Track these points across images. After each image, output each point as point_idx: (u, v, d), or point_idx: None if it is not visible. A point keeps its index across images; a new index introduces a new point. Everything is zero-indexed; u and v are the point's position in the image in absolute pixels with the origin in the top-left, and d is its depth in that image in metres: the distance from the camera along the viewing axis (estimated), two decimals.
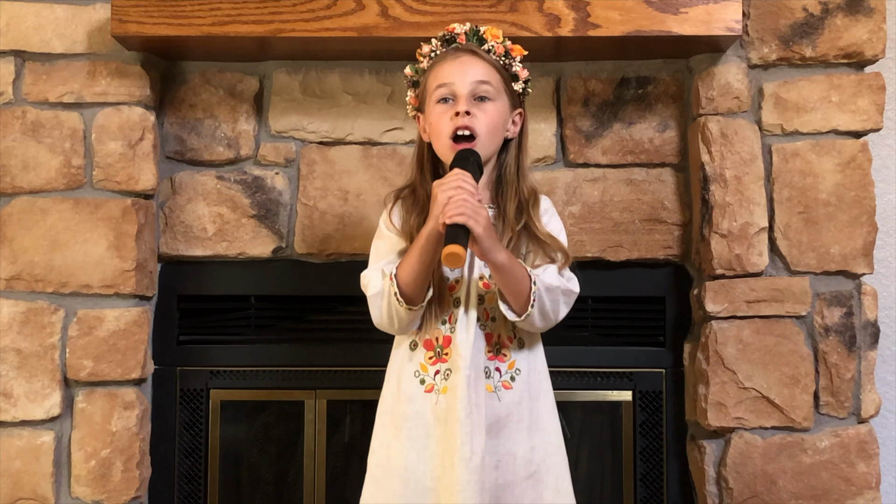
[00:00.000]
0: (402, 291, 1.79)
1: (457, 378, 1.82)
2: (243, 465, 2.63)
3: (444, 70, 1.88)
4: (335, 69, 2.54)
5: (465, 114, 1.83)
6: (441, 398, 1.84)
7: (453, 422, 1.81)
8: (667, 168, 2.53)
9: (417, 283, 1.79)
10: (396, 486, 1.85)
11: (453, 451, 1.80)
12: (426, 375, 1.86)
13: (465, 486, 1.78)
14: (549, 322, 1.87)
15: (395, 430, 1.87)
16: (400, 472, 1.85)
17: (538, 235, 1.88)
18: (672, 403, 2.53)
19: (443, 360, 1.86)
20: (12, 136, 2.42)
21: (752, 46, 2.43)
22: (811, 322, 2.42)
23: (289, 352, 2.56)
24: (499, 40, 1.90)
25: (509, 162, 1.94)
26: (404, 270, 1.79)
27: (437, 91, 1.88)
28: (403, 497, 1.84)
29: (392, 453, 1.87)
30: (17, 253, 2.41)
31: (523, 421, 1.87)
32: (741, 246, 2.39)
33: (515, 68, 1.91)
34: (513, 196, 1.91)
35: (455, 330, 1.85)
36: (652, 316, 2.56)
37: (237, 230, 2.52)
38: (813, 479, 2.39)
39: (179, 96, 2.53)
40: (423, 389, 1.86)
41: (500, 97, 1.89)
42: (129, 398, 2.41)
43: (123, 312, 2.41)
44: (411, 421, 1.85)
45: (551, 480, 1.89)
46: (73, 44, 2.43)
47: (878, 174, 2.54)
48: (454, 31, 1.91)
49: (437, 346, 1.87)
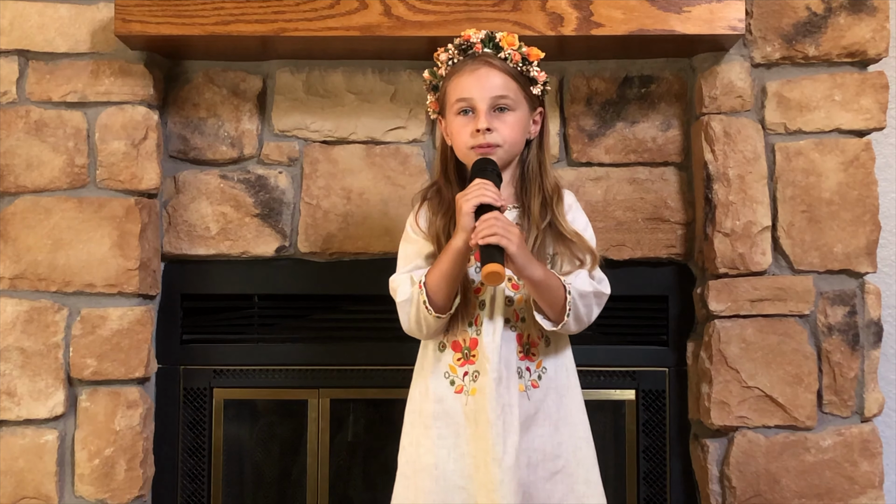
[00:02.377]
0: (431, 299, 1.82)
1: (484, 380, 1.84)
2: (247, 464, 2.63)
3: (463, 83, 1.89)
4: (338, 68, 2.54)
5: (487, 131, 1.85)
6: (470, 399, 1.86)
7: (484, 423, 1.83)
8: (670, 167, 2.53)
9: (445, 291, 1.82)
10: (426, 483, 1.87)
11: (486, 451, 1.82)
12: (456, 377, 1.89)
13: (500, 486, 1.80)
14: (583, 326, 1.91)
15: (425, 429, 1.89)
16: (430, 470, 1.87)
17: (564, 234, 1.90)
18: (675, 402, 2.54)
19: (470, 362, 1.88)
20: (16, 136, 2.42)
21: (756, 45, 2.43)
22: (814, 321, 2.42)
23: (292, 351, 2.56)
24: (515, 47, 1.90)
25: (531, 160, 1.96)
26: (433, 279, 1.82)
27: (457, 104, 1.90)
28: (433, 494, 1.86)
29: (422, 451, 1.89)
30: (20, 252, 2.41)
31: (550, 417, 1.89)
32: (744, 245, 2.39)
33: (533, 73, 1.91)
34: (536, 193, 1.92)
35: (481, 332, 1.87)
36: (655, 315, 2.56)
37: (240, 229, 2.52)
38: (816, 478, 2.39)
39: (183, 95, 2.54)
40: (453, 390, 1.88)
41: (520, 105, 1.90)
42: (133, 397, 2.41)
43: (127, 311, 2.41)
44: (441, 420, 1.87)
45: (582, 473, 1.91)
46: (77, 43, 2.43)
47: (882, 173, 2.54)
48: (470, 39, 1.91)
49: (464, 348, 1.89)
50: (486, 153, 1.86)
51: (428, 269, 1.85)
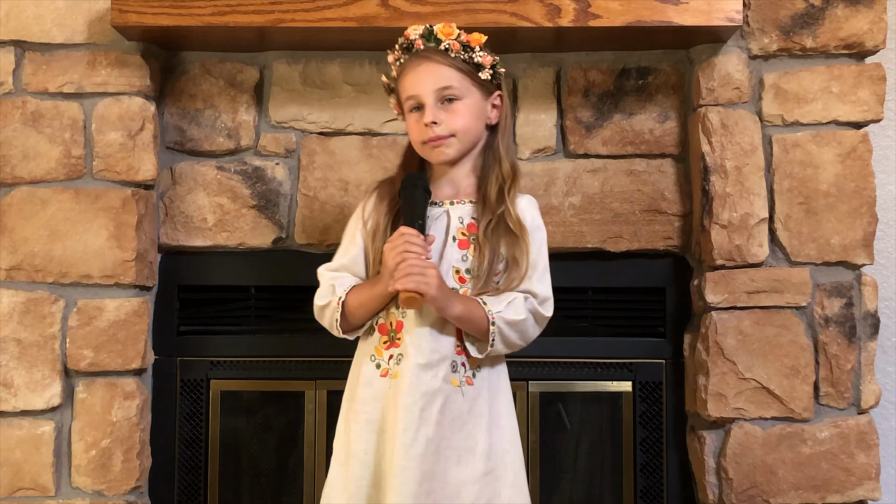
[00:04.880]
0: (345, 320, 1.91)
1: (407, 364, 1.86)
2: (243, 456, 2.63)
3: (409, 81, 1.94)
4: (335, 59, 2.53)
5: (433, 124, 1.90)
6: (393, 382, 1.87)
7: (400, 407, 1.84)
8: (667, 159, 2.53)
9: (361, 320, 1.93)
10: (357, 469, 1.88)
11: (396, 436, 1.83)
12: (381, 360, 1.91)
13: (401, 472, 1.81)
14: (517, 348, 1.94)
15: (355, 414, 1.91)
16: (360, 456, 1.88)
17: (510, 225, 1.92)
18: (672, 394, 2.54)
19: (395, 345, 1.90)
20: (12, 127, 2.42)
21: (753, 37, 2.43)
22: (811, 313, 2.42)
23: (289, 342, 2.56)
24: (453, 37, 1.92)
25: (495, 146, 1.98)
26: (353, 305, 1.92)
27: (407, 102, 1.95)
28: (363, 480, 1.87)
29: (353, 437, 1.90)
30: (17, 243, 2.41)
31: (483, 417, 1.89)
32: (741, 237, 2.39)
33: (477, 59, 1.93)
34: (494, 180, 1.95)
35: (406, 315, 1.88)
36: (652, 307, 2.56)
37: (237, 220, 2.52)
38: (813, 470, 2.39)
39: (179, 86, 2.53)
40: (378, 373, 1.90)
41: (469, 92, 1.93)
42: (130, 388, 2.41)
43: (123, 302, 2.41)
44: (369, 405, 1.89)
45: (509, 477, 1.91)
46: (73, 34, 2.43)
47: (879, 165, 2.54)
48: (409, 36, 1.95)
49: (390, 331, 1.91)
50: (438, 145, 1.91)
51: (351, 289, 1.92)
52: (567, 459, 2.60)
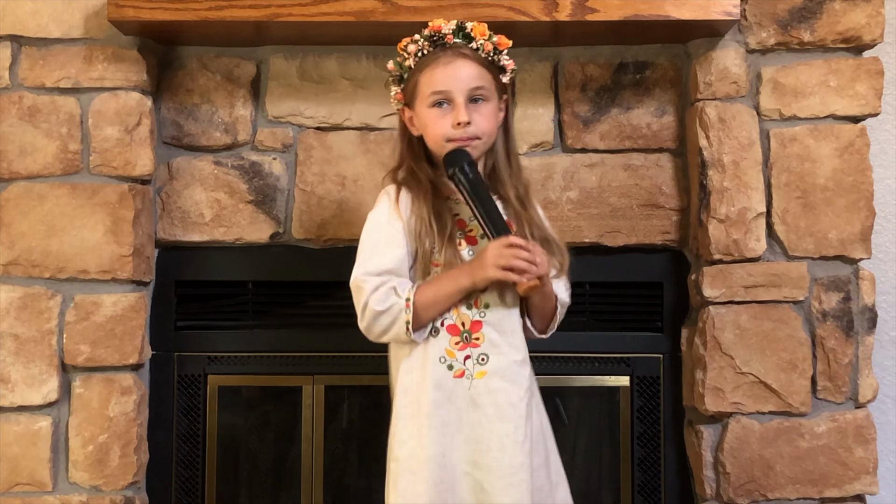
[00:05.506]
0: (416, 321, 1.83)
1: (502, 362, 1.86)
2: (241, 451, 2.63)
3: (438, 76, 1.88)
4: (332, 54, 2.53)
5: (466, 124, 1.86)
6: (476, 383, 1.85)
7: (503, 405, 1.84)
8: (665, 153, 2.53)
9: (433, 317, 1.85)
10: (434, 472, 1.83)
11: (499, 434, 1.83)
12: (454, 361, 1.86)
13: (519, 469, 1.82)
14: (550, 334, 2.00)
15: (426, 418, 1.84)
16: (437, 459, 1.83)
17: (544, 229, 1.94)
18: (669, 388, 2.54)
19: (473, 345, 1.87)
20: (9, 122, 2.41)
21: (751, 31, 2.42)
22: (809, 307, 2.42)
23: (287, 337, 2.56)
24: (486, 37, 1.90)
25: (499, 149, 1.97)
26: (425, 303, 1.83)
27: (431, 96, 1.89)
28: (443, 483, 1.83)
29: (426, 443, 1.84)
30: (13, 238, 2.40)
31: (535, 407, 1.92)
32: (739, 231, 2.39)
33: (503, 62, 1.91)
34: (510, 184, 1.95)
35: (487, 315, 1.87)
36: (650, 301, 2.56)
37: (234, 216, 2.51)
38: (810, 464, 2.39)
39: (176, 81, 2.53)
40: (451, 374, 1.86)
41: (493, 95, 1.92)
42: (127, 383, 2.41)
43: (121, 298, 2.41)
44: (443, 408, 1.84)
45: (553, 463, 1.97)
46: (70, 28, 2.42)
47: (877, 159, 2.54)
48: (440, 30, 1.90)
49: (463, 332, 1.87)
50: (466, 145, 1.87)
51: (419, 287, 1.84)
52: (565, 454, 2.57)
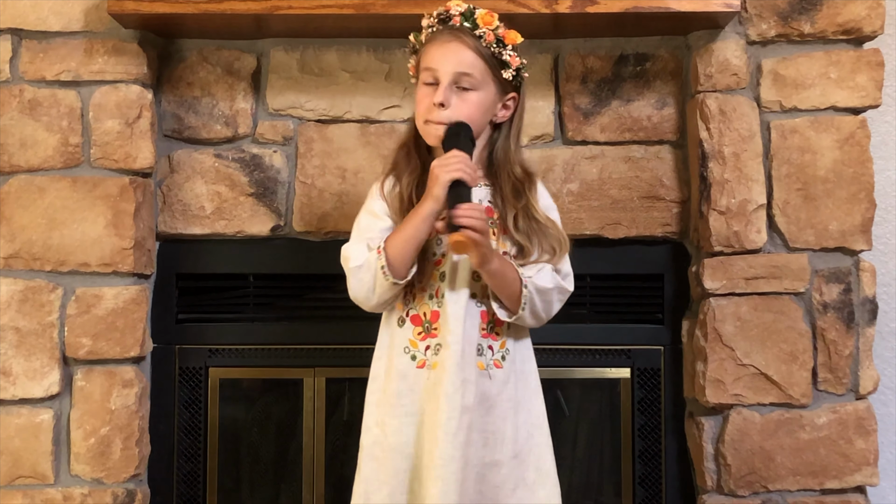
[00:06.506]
0: (391, 264, 1.81)
1: (446, 353, 1.83)
2: (242, 444, 2.63)
3: (432, 53, 1.89)
4: (333, 47, 2.53)
5: (440, 105, 1.85)
6: (432, 374, 1.85)
7: (442, 396, 1.82)
8: (665, 145, 2.53)
9: (408, 255, 1.82)
10: (399, 462, 1.86)
11: (438, 425, 1.81)
12: (417, 351, 1.88)
13: (449, 462, 1.80)
14: (541, 321, 1.92)
15: (391, 408, 1.87)
16: (402, 449, 1.85)
17: (538, 218, 1.91)
18: (670, 380, 2.54)
19: (432, 336, 1.87)
20: (10, 115, 2.41)
21: (751, 23, 2.42)
22: (809, 299, 2.42)
23: (287, 330, 2.56)
24: (491, 27, 1.88)
25: (499, 144, 1.95)
26: (394, 244, 1.82)
27: (424, 72, 1.90)
28: (406, 473, 1.85)
29: (389, 431, 1.87)
30: (15, 231, 2.41)
31: (510, 401, 1.89)
32: (739, 223, 2.39)
33: (506, 56, 1.89)
34: (506, 178, 1.93)
35: (443, 304, 1.86)
36: (650, 293, 2.56)
37: (235, 208, 2.52)
38: (811, 456, 2.40)
39: (177, 74, 2.53)
40: (414, 365, 1.87)
41: (485, 86, 1.89)
42: (128, 376, 2.41)
43: (122, 291, 2.41)
44: (406, 397, 1.86)
45: (533, 460, 1.91)
46: (70, 22, 2.42)
47: (877, 151, 2.53)
48: (450, 10, 1.90)
49: (425, 322, 1.88)
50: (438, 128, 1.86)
51: (387, 236, 1.84)
52: (566, 446, 2.60)
